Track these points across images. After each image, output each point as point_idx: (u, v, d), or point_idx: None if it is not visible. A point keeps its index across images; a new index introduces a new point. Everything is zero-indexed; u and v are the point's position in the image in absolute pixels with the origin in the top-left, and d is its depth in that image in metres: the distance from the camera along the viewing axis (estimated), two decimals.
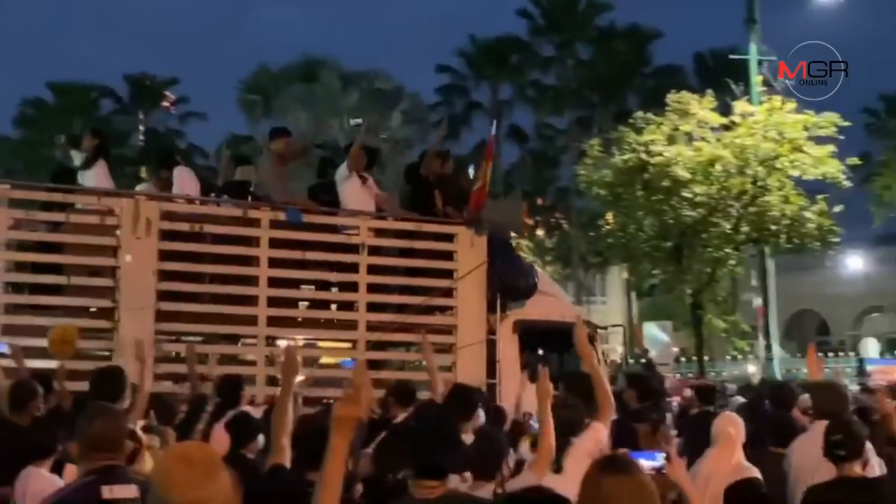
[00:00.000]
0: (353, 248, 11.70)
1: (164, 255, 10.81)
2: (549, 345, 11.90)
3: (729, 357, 41.88)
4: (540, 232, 53.66)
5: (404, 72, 74.47)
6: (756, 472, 7.01)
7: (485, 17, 61.28)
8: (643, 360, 30.01)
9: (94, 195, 11.34)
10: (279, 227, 11.36)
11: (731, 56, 34.35)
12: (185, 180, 12.16)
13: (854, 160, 29.40)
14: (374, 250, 11.82)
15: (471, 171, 17.53)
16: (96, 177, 11.87)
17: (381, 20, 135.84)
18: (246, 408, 8.40)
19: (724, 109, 29.85)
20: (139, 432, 6.87)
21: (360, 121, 42.11)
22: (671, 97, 30.21)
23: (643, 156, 29.04)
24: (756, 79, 30.57)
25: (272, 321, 11.14)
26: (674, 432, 8.92)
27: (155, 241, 10.71)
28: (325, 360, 12.44)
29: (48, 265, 10.77)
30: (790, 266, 40.27)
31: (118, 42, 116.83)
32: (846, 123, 28.31)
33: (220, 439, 7.21)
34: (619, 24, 51.91)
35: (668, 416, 9.85)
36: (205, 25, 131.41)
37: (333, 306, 12.31)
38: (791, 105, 28.20)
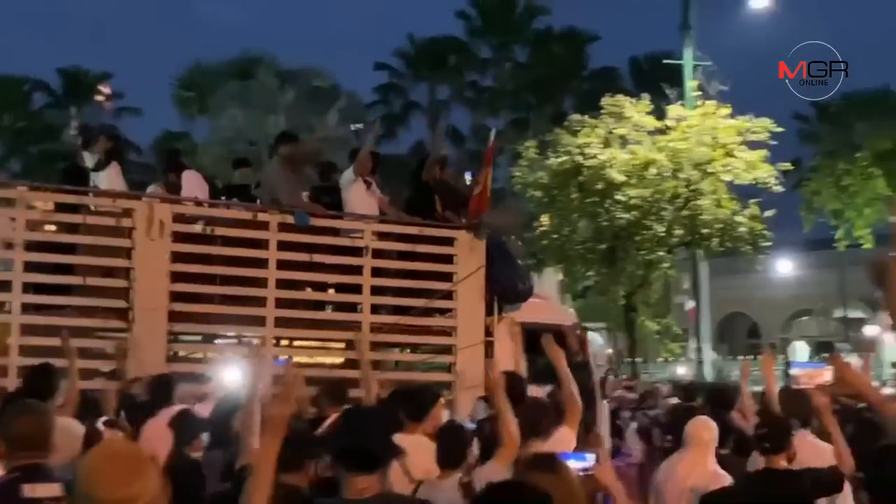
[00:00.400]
0: (357, 251, 11.81)
1: (177, 257, 10.88)
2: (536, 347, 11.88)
3: (661, 359, 42.26)
4: None
5: (342, 70, 74.47)
6: (730, 480, 7.07)
7: (423, 17, 61.23)
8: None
9: (110, 197, 11.44)
10: (287, 230, 11.42)
11: (666, 61, 34.70)
12: (193, 183, 12.40)
13: (785, 165, 29.78)
14: (377, 253, 11.96)
15: (467, 177, 17.70)
16: (109, 178, 12.03)
17: (320, 19, 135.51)
18: (189, 405, 8.38)
19: (659, 113, 30.10)
20: (101, 428, 6.81)
21: (361, 125, 41.91)
22: (606, 100, 30.40)
23: (578, 158, 29.19)
24: (690, 83, 30.86)
25: (280, 322, 11.25)
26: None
27: (168, 242, 10.78)
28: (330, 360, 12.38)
29: (63, 266, 10.77)
30: (722, 269, 40.72)
31: (51, 35, 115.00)
32: (778, 129, 28.68)
33: (163, 437, 7.15)
34: (557, 27, 52.24)
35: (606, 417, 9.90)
36: (141, 20, 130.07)
37: (329, 307, 12.38)
38: (725, 110, 28.53)
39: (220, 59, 53.45)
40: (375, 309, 11.76)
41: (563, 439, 6.77)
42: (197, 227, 11.35)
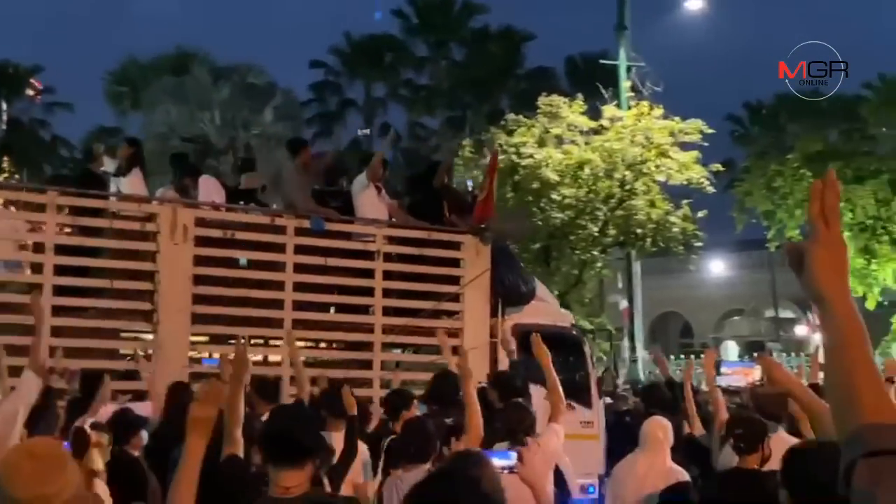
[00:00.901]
0: (369, 255, 12.39)
1: (199, 261, 11.29)
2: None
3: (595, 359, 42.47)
4: None
5: (278, 67, 73.82)
6: (686, 476, 7.20)
7: (360, 15, 61.13)
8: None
9: (136, 202, 11.81)
10: (303, 235, 11.94)
11: (602, 61, 34.89)
12: (211, 188, 12.73)
13: (717, 166, 30.08)
14: (388, 257, 12.52)
15: (469, 183, 18.05)
16: (131, 184, 12.36)
17: (256, 15, 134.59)
18: (131, 404, 8.39)
19: (594, 113, 30.26)
20: (87, 429, 6.85)
21: (367, 131, 41.58)
22: (542, 100, 30.48)
23: (513, 157, 29.23)
24: (625, 84, 31.10)
25: (297, 324, 11.55)
26: None
27: (191, 246, 11.19)
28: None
29: (86, 269, 11.11)
30: (655, 269, 41.11)
31: None
32: (710, 130, 28.96)
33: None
34: (493, 25, 52.39)
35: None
36: (73, 13, 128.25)
37: (332, 309, 12.75)
38: (658, 111, 28.75)
39: (154, 54, 52.96)
40: (386, 311, 12.30)
41: (557, 436, 7.21)
42: (217, 232, 11.70)
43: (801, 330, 47.27)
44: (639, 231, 28.91)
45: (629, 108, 29.87)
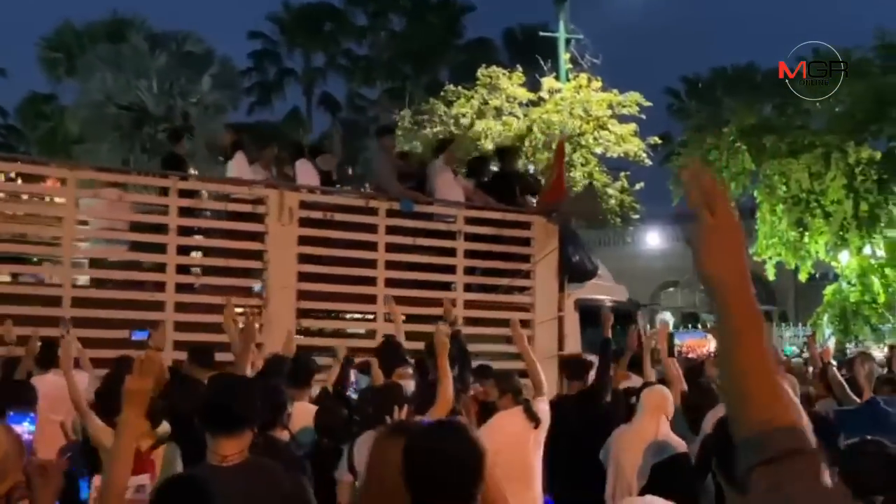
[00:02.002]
0: (451, 235, 13.21)
1: (302, 241, 12.07)
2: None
3: None
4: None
5: (216, 36, 72.97)
6: (683, 447, 7.23)
7: None
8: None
9: (246, 185, 12.45)
10: (393, 216, 12.71)
11: (541, 33, 34.94)
12: (307, 172, 13.33)
13: (655, 139, 30.32)
14: (468, 236, 13.27)
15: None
16: (238, 167, 13.05)
17: None
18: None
19: (533, 85, 30.33)
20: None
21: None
22: (481, 71, 30.52)
23: (453, 129, 29.27)
24: (564, 56, 31.20)
25: (389, 300, 12.12)
26: None
27: (296, 227, 12.00)
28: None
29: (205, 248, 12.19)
30: (592, 241, 41.33)
31: None
32: (648, 104, 29.20)
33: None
34: None
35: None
36: None
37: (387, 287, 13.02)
38: (597, 84, 28.90)
39: (90, 20, 52.08)
40: (467, 287, 13.15)
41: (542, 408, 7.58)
42: (318, 213, 12.45)
43: None
44: None
45: (568, 80, 30.00)
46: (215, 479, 4.22)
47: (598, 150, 28.86)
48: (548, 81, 29.81)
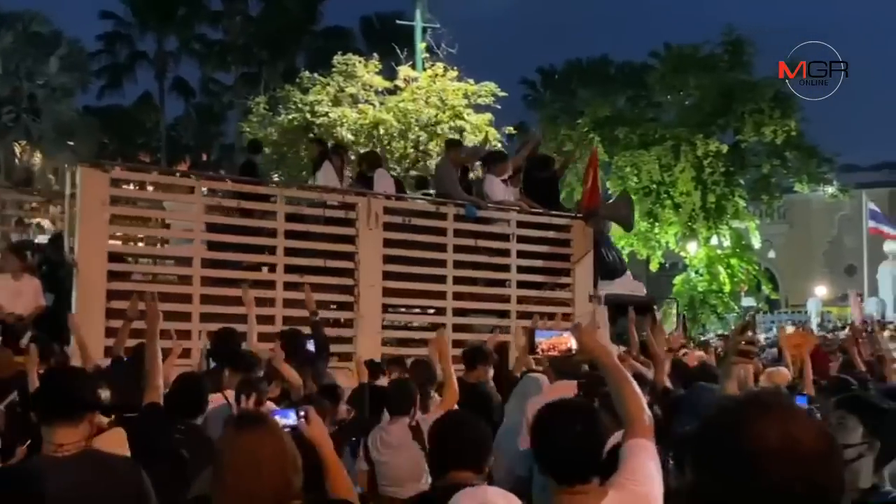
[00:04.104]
0: (505, 237, 14.52)
1: (386, 243, 13.30)
2: (625, 314, 14.17)
3: None
4: (204, 189, 52.61)
5: (64, 16, 71.06)
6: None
7: None
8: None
9: (339, 193, 13.92)
10: (459, 220, 14.04)
11: (398, 21, 34.89)
12: (385, 180, 14.79)
13: (510, 129, 30.58)
14: (518, 239, 14.57)
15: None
16: (325, 176, 14.69)
17: None
18: None
19: (389, 74, 30.28)
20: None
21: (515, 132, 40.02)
22: (337, 59, 30.34)
23: (308, 116, 29.03)
24: (420, 45, 31.21)
25: (456, 296, 13.77)
26: None
27: (381, 231, 13.25)
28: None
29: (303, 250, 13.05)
30: None
31: None
32: (503, 94, 29.44)
33: None
34: None
35: None
36: None
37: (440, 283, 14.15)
38: (453, 73, 28.98)
39: None
40: (519, 284, 14.43)
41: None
42: (398, 218, 13.76)
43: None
44: (432, 192, 29.09)
45: (424, 69, 30.01)
46: (49, 470, 4.08)
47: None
48: (404, 70, 29.79)
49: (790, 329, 26.84)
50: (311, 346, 9.66)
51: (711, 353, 17.78)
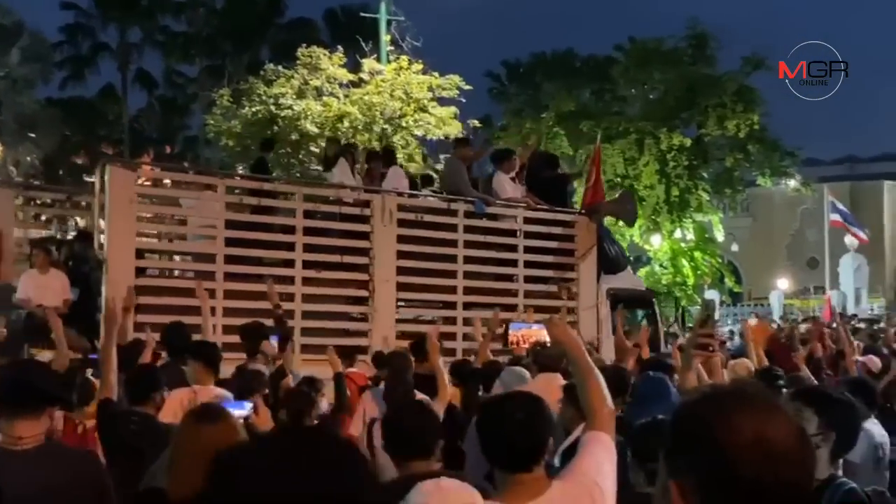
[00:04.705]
0: (513, 233, 15.06)
1: (400, 239, 13.69)
2: (626, 307, 14.76)
3: None
4: (167, 181, 52.34)
5: (26, 7, 70.16)
6: None
7: None
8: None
9: (356, 191, 14.54)
10: (469, 217, 14.49)
11: (362, 14, 34.82)
12: (399, 177, 15.36)
13: (475, 122, 30.61)
14: (525, 234, 15.10)
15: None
16: (341, 174, 15.05)
17: None
18: None
19: (354, 67, 30.23)
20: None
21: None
22: (302, 51, 30.24)
23: (273, 108, 28.95)
24: (385, 38, 31.15)
25: (466, 291, 14.18)
26: None
27: (395, 228, 13.65)
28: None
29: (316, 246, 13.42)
30: None
31: None
32: (468, 87, 29.43)
33: None
34: None
35: None
36: None
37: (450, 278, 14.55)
38: (418, 66, 28.96)
39: None
40: (526, 279, 14.96)
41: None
42: (411, 215, 14.23)
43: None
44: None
45: (389, 62, 29.97)
46: (7, 463, 4.14)
47: (419, 133, 28.96)
48: (368, 63, 29.75)
49: (753, 321, 27.04)
50: (273, 340, 9.66)
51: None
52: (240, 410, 5.41)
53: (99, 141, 52.83)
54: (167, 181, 15.02)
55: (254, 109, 29.75)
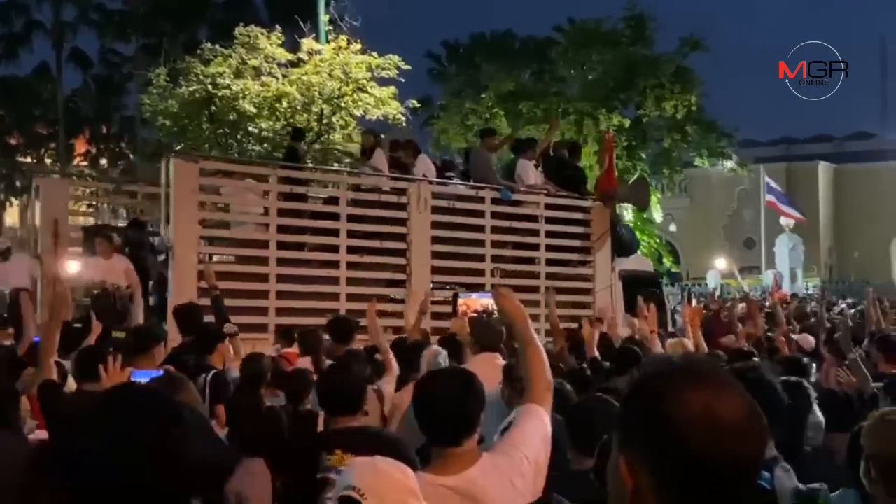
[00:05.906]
0: (535, 218, 16.12)
1: (434, 225, 14.78)
2: (634, 288, 15.86)
3: None
4: (104, 161, 51.95)
5: None
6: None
7: None
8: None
9: (394, 179, 15.58)
10: (496, 203, 15.61)
11: None
12: (427, 165, 16.20)
13: (414, 102, 30.52)
14: (546, 220, 16.17)
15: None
16: (378, 163, 15.92)
17: None
18: None
19: (292, 46, 30.00)
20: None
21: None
22: (240, 30, 29.94)
23: (210, 88, 28.63)
24: (324, 17, 30.95)
25: (493, 273, 15.06)
26: None
27: (429, 214, 14.70)
28: None
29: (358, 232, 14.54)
30: None
31: None
32: (407, 67, 29.31)
33: None
34: None
35: None
36: None
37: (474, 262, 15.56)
38: (357, 46, 28.81)
39: None
40: (548, 262, 16.13)
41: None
42: (444, 202, 15.34)
43: None
44: (336, 165, 28.97)
45: (328, 41, 29.78)
46: None
47: (358, 113, 28.82)
48: (307, 42, 29.52)
49: (694, 303, 27.47)
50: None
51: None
52: (145, 379, 5.86)
53: (33, 120, 52.10)
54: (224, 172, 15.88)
55: (191, 89, 29.38)
